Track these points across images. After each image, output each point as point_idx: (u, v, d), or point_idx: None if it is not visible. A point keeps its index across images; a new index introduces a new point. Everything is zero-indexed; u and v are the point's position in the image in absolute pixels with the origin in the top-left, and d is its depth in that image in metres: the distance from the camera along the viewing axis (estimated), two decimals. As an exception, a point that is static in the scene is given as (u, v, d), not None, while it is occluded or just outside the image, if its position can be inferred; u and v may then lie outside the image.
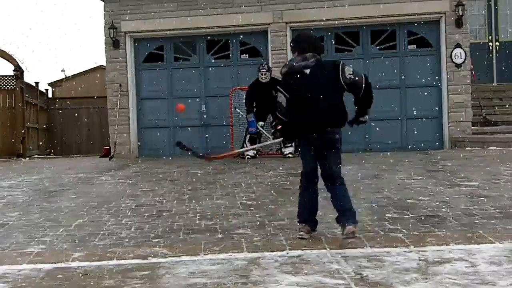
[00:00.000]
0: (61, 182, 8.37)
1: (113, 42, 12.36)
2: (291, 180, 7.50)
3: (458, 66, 11.54)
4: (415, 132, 11.80)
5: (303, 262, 3.68)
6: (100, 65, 19.06)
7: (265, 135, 10.53)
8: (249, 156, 10.58)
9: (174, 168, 9.50)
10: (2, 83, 14.51)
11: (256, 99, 10.45)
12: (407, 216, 4.93)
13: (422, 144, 11.58)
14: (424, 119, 11.79)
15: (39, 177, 9.12)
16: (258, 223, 4.93)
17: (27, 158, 14.07)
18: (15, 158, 13.92)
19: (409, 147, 11.65)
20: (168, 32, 12.36)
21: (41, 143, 16.11)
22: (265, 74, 10.47)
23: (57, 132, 16.99)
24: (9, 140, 14.29)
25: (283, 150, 10.57)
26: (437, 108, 11.76)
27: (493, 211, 5.01)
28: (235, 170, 8.87)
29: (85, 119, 17.09)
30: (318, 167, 4.47)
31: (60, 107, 17.25)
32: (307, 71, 4.47)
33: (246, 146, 10.49)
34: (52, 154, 16.48)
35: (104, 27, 12.44)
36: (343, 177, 4.45)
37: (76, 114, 17.00)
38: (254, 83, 10.69)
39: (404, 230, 4.42)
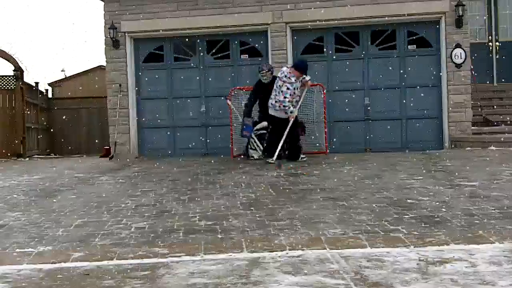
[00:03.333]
0: (61, 182, 8.37)
1: (113, 42, 12.36)
2: (291, 180, 7.51)
3: (458, 66, 11.55)
4: (415, 132, 11.81)
5: (303, 262, 3.68)
6: (100, 65, 19.05)
7: (256, 144, 10.46)
8: (253, 157, 10.49)
9: (174, 168, 9.50)
10: (2, 83, 14.51)
11: (259, 99, 10.44)
12: (407, 216, 4.93)
13: (422, 144, 11.58)
14: (424, 119, 11.80)
15: (39, 177, 9.12)
16: (258, 223, 4.92)
17: (27, 158, 14.08)
18: (15, 158, 13.92)
19: (409, 147, 11.65)
20: (168, 32, 12.37)
21: (41, 143, 16.12)
22: (265, 75, 10.34)
23: (57, 132, 16.98)
24: (9, 140, 14.29)
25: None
26: (437, 108, 11.77)
27: (493, 211, 5.01)
28: (235, 170, 8.87)
29: (85, 119, 17.09)
30: None
31: (60, 107, 17.24)
32: None
33: (251, 147, 10.50)
34: (52, 154, 16.48)
35: (104, 27, 12.45)
36: None
37: (76, 114, 17.00)
38: (257, 85, 10.55)
39: (404, 230, 4.42)
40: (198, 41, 12.59)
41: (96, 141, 16.07)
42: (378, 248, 3.94)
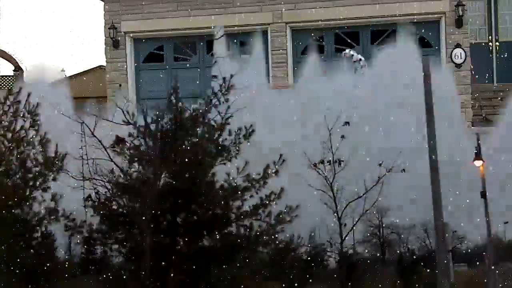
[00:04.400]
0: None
1: (113, 42, 12.35)
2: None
3: (458, 66, 11.53)
4: (415, 132, 11.77)
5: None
6: (100, 65, 19.02)
7: None
8: None
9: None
10: (2, 83, 14.49)
11: None
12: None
13: (422, 144, 11.55)
14: (424, 119, 11.77)
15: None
16: (258, 223, 4.91)
17: (27, 158, 14.03)
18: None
19: (409, 147, 11.62)
20: (168, 32, 12.36)
21: (41, 143, 16.07)
22: None
23: (57, 132, 16.93)
24: (9, 140, 14.25)
25: None
26: (437, 108, 11.74)
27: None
28: (235, 170, 8.83)
29: (85, 119, 17.04)
30: None
31: (60, 107, 17.20)
32: None
33: None
34: (52, 154, 16.42)
35: (104, 27, 12.44)
36: None
37: (76, 114, 16.97)
38: None
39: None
40: (198, 41, 12.58)
41: (96, 141, 16.01)
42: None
